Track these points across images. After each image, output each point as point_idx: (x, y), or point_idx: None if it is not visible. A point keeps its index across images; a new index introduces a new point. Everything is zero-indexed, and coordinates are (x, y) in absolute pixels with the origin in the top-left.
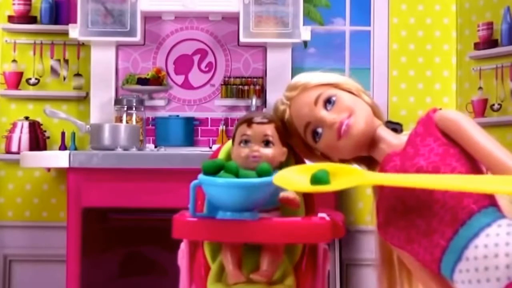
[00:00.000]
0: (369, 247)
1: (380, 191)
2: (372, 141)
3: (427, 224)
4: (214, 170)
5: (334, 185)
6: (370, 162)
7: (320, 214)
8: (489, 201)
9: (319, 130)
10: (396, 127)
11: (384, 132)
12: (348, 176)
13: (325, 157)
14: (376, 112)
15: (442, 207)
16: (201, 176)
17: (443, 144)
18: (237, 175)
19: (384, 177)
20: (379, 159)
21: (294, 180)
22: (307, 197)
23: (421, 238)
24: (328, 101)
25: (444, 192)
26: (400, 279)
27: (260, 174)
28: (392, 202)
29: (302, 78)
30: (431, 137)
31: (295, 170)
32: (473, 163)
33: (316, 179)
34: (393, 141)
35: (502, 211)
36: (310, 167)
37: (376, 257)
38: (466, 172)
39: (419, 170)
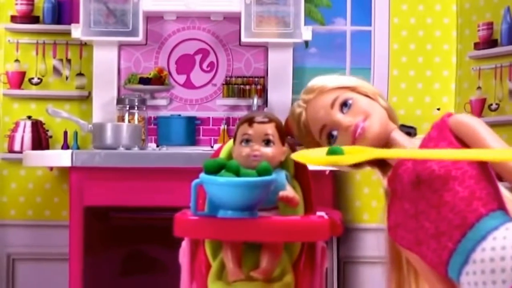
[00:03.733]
0: (366, 245)
1: (392, 194)
2: (386, 145)
3: (436, 227)
4: (215, 169)
5: (348, 157)
6: (383, 165)
7: (319, 213)
8: (498, 205)
9: (335, 133)
10: (410, 131)
11: (398, 136)
12: (360, 152)
13: None
14: (391, 116)
15: (451, 210)
16: (202, 175)
17: (456, 148)
18: (238, 174)
19: (394, 152)
20: (392, 162)
21: (312, 154)
22: (306, 196)
23: (429, 240)
24: (345, 104)
25: (453, 195)
26: (408, 280)
27: (260, 173)
28: (403, 204)
29: (319, 81)
30: (444, 142)
31: (312, 150)
32: (484, 168)
33: (332, 151)
34: (407, 144)
35: (510, 215)
36: (325, 148)
37: (386, 258)
38: (477, 176)
39: (431, 174)
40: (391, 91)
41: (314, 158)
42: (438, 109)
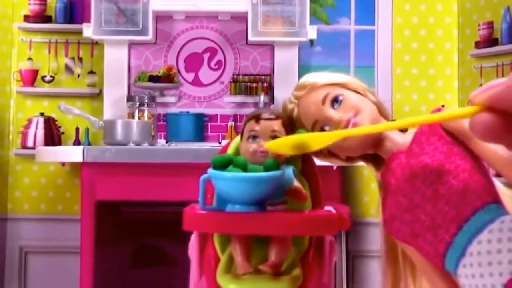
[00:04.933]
0: (374, 239)
1: (386, 187)
2: (378, 139)
3: (432, 219)
4: (223, 164)
5: (312, 135)
6: (376, 160)
7: (327, 207)
8: (493, 198)
9: (327, 128)
10: None
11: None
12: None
13: (332, 155)
14: (382, 111)
15: (446, 203)
16: (210, 170)
17: (447, 142)
18: (245, 169)
19: (350, 131)
20: (385, 157)
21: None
22: (314, 191)
23: (425, 233)
24: (335, 100)
25: (448, 188)
26: (404, 273)
27: (267, 169)
28: (397, 198)
29: (310, 78)
30: (435, 136)
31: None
32: (476, 161)
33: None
34: (399, 139)
35: (505, 208)
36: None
37: (381, 252)
38: (470, 169)
39: (424, 168)
40: (395, 88)
41: (281, 141)
42: (443, 105)
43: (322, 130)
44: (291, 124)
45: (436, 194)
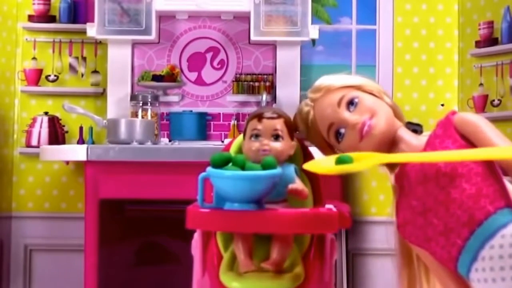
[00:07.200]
0: (374, 237)
1: (400, 191)
2: (392, 142)
3: (444, 224)
4: (222, 163)
5: (356, 165)
6: (390, 163)
7: (327, 206)
8: (505, 202)
9: (342, 130)
10: (416, 128)
11: (405, 133)
12: (367, 158)
13: None
14: (397, 113)
15: (459, 207)
16: (209, 169)
17: (461, 146)
18: (243, 167)
19: (400, 156)
20: None
21: (321, 164)
22: (315, 189)
23: (438, 237)
24: (351, 103)
25: (461, 192)
26: (419, 276)
27: (265, 167)
28: (410, 201)
29: (326, 80)
30: (449, 139)
31: (322, 158)
32: (489, 165)
33: (341, 161)
34: (413, 141)
35: None
36: (335, 156)
37: (396, 255)
38: (483, 173)
39: (438, 171)
40: (395, 87)
41: (324, 167)
42: (442, 105)
43: (338, 132)
44: (306, 127)
45: (448, 197)
